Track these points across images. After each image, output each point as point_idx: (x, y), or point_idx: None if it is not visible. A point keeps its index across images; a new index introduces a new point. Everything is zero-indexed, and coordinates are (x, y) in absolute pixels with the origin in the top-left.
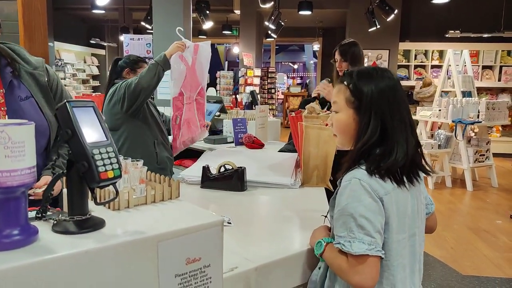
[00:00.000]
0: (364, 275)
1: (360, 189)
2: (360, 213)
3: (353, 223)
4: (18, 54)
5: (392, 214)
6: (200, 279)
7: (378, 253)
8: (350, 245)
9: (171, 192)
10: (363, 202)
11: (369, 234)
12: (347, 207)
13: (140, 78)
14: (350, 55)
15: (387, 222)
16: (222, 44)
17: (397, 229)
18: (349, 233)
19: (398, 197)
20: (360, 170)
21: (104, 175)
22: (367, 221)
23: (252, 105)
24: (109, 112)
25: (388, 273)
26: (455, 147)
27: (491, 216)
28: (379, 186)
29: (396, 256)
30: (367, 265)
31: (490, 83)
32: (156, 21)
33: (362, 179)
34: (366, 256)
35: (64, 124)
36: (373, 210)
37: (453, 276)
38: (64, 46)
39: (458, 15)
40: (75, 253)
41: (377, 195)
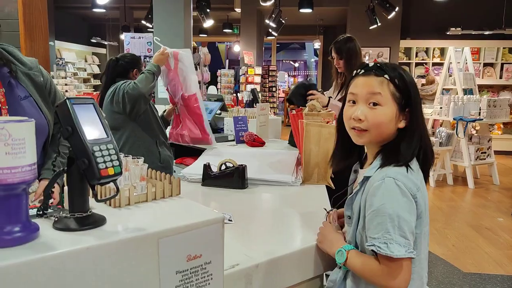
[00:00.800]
0: (399, 279)
1: (396, 189)
2: (397, 213)
3: (389, 224)
4: (12, 55)
5: (423, 208)
6: (201, 276)
7: (411, 255)
8: (386, 247)
9: (172, 190)
10: (399, 202)
11: (405, 236)
12: (383, 207)
13: (141, 86)
14: (346, 52)
15: (420, 217)
16: (223, 42)
17: (425, 222)
18: (385, 234)
19: (423, 191)
20: (392, 167)
21: (105, 172)
22: (404, 222)
23: (253, 103)
24: (110, 111)
25: (418, 267)
26: (456, 145)
27: (492, 213)
28: (412, 183)
29: (424, 249)
30: (403, 268)
31: (491, 81)
32: (157, 19)
33: (397, 178)
34: (401, 259)
35: (65, 121)
36: (409, 211)
37: (454, 274)
38: (65, 45)
39: (459, 12)
40: (76, 250)
41: (412, 193)
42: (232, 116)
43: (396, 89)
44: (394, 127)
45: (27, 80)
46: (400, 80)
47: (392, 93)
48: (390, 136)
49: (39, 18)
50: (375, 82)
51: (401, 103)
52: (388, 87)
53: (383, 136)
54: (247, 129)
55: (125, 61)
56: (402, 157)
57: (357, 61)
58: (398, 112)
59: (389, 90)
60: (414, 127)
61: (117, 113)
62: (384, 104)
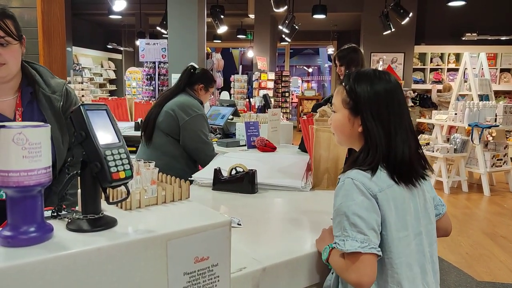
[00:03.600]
0: (359, 273)
1: (353, 188)
2: (353, 211)
3: (346, 222)
4: (41, 75)
5: (389, 211)
6: (208, 278)
7: (372, 250)
8: (343, 244)
9: (181, 193)
10: (355, 200)
11: (362, 232)
12: (340, 206)
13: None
14: (347, 61)
15: (384, 219)
16: (237, 48)
17: (396, 227)
18: (343, 232)
19: (395, 194)
20: (354, 170)
21: (116, 175)
22: (359, 219)
23: (265, 109)
24: (166, 123)
25: (392, 271)
26: (471, 151)
27: (508, 221)
28: (373, 184)
29: (398, 254)
30: (361, 263)
31: (508, 86)
32: (171, 26)
33: (355, 178)
34: (359, 254)
35: (79, 126)
36: (366, 208)
37: (468, 282)
38: (82, 51)
39: (475, 17)
40: (88, 250)
41: (371, 193)
42: (244, 121)
43: (347, 96)
44: (351, 131)
45: (47, 104)
46: (350, 88)
47: (343, 99)
48: (357, 139)
49: (57, 25)
50: (335, 92)
51: (352, 109)
52: (341, 94)
53: (347, 139)
54: (259, 134)
55: (198, 74)
56: (361, 161)
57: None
58: (350, 117)
59: (341, 97)
60: (367, 132)
61: (170, 132)
62: (337, 110)
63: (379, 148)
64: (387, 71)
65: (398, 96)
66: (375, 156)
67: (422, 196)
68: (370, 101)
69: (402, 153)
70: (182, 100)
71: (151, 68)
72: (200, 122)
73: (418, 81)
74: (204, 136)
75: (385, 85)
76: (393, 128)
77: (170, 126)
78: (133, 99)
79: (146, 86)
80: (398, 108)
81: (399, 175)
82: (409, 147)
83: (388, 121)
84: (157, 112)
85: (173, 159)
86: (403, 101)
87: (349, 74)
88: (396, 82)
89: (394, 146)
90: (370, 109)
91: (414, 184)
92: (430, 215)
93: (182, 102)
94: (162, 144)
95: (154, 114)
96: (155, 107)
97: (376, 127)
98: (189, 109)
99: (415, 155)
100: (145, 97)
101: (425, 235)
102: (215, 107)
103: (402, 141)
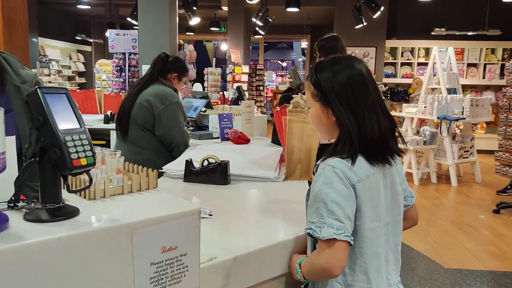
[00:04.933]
0: (330, 258)
1: (333, 176)
2: (332, 198)
3: (324, 209)
4: (10, 65)
5: (365, 201)
6: (177, 268)
7: (347, 238)
8: (320, 230)
9: (149, 183)
10: (335, 188)
11: (339, 219)
12: (319, 193)
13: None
14: (326, 50)
15: (360, 209)
16: (210, 41)
17: (370, 217)
18: (320, 219)
19: (371, 185)
20: (334, 158)
21: (77, 162)
22: (337, 206)
23: (238, 101)
24: (140, 116)
25: (361, 260)
26: (440, 144)
27: (474, 210)
28: (352, 173)
29: (370, 244)
30: (334, 249)
31: (474, 81)
32: (142, 16)
33: (336, 166)
34: (334, 240)
35: (36, 110)
36: (344, 196)
37: (436, 269)
38: (49, 42)
39: (444, 13)
40: (47, 240)
41: (350, 182)
42: (217, 114)
43: (315, 88)
44: (327, 122)
45: (15, 93)
46: (315, 80)
47: (312, 93)
48: (336, 129)
49: (19, 12)
50: (306, 86)
51: (322, 100)
52: (309, 89)
53: (326, 131)
54: (232, 126)
55: (171, 62)
56: (339, 149)
57: None
58: (323, 109)
59: (310, 91)
60: (340, 121)
61: (146, 124)
62: (311, 105)
63: (353, 135)
64: (350, 55)
65: (362, 78)
66: (351, 144)
67: (394, 186)
68: (335, 89)
69: (372, 131)
70: (156, 90)
71: (121, 59)
72: (175, 110)
73: (389, 75)
74: (180, 124)
75: (348, 69)
76: (360, 110)
77: (145, 118)
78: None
79: (116, 78)
80: (364, 90)
81: (374, 157)
82: (379, 125)
83: (356, 105)
84: (131, 104)
85: (153, 153)
86: (369, 81)
87: (312, 67)
88: (359, 64)
89: (364, 127)
90: (337, 97)
91: (390, 162)
92: (400, 207)
93: (156, 91)
94: (139, 138)
95: (128, 106)
96: (128, 99)
97: (346, 114)
98: (163, 98)
99: (388, 131)
100: (115, 89)
101: (392, 226)
102: (188, 99)
103: (371, 120)
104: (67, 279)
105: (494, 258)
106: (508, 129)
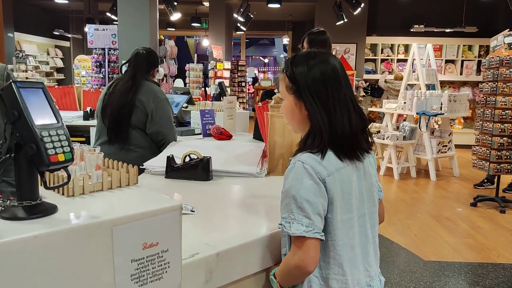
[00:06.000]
0: (302, 256)
1: (303, 172)
2: (301, 195)
3: (294, 205)
4: None
5: (336, 194)
6: (158, 264)
7: (316, 235)
8: (289, 226)
9: (129, 179)
10: (304, 184)
11: (308, 216)
12: (289, 189)
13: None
14: (318, 43)
15: (331, 202)
16: (192, 37)
17: (341, 210)
18: (290, 214)
19: (343, 178)
20: (304, 153)
21: (54, 158)
22: (307, 203)
23: (220, 97)
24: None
25: (334, 253)
26: (419, 139)
27: (452, 204)
28: (322, 168)
29: (342, 236)
30: (306, 247)
31: (452, 77)
32: (121, 11)
33: (306, 161)
34: (304, 238)
35: (10, 105)
36: (314, 192)
37: (415, 262)
38: (26, 37)
39: (422, 10)
40: (23, 238)
41: (320, 177)
42: (199, 110)
43: (290, 81)
44: (300, 115)
45: None
46: (290, 73)
47: (286, 86)
48: (308, 123)
49: None
50: (281, 78)
51: (296, 94)
52: (284, 81)
53: (299, 125)
54: (214, 122)
55: (151, 56)
56: (309, 144)
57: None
58: (297, 102)
59: (285, 83)
60: (311, 115)
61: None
62: (284, 97)
63: (323, 130)
64: (326, 50)
65: (336, 73)
66: (320, 138)
67: (368, 178)
68: (309, 83)
69: (342, 127)
70: (145, 89)
71: (100, 55)
72: (166, 107)
73: (369, 72)
74: (171, 121)
75: (322, 65)
76: (332, 105)
77: (138, 118)
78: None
79: (95, 74)
80: (337, 85)
81: (343, 152)
82: (350, 120)
83: (328, 100)
84: (129, 110)
85: (145, 150)
86: (343, 77)
87: (288, 60)
88: (334, 60)
89: (335, 122)
90: (310, 91)
91: (359, 158)
92: (375, 198)
93: (146, 90)
94: (130, 137)
95: (126, 112)
96: (123, 106)
97: (317, 108)
98: (154, 96)
99: (359, 127)
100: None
101: (368, 217)
102: (169, 95)
103: (342, 116)
104: (45, 278)
105: (471, 250)
106: (484, 124)
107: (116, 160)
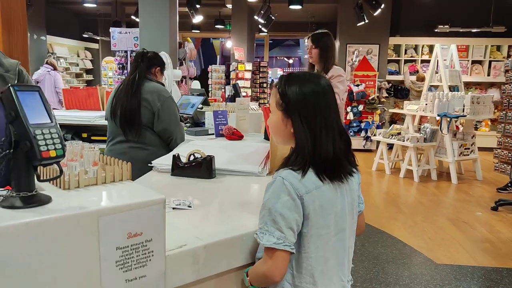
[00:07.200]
0: (271, 266)
1: (281, 187)
2: (276, 209)
3: (268, 217)
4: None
5: (314, 211)
6: (142, 252)
7: (286, 248)
8: (262, 237)
9: (122, 174)
10: (281, 199)
11: (280, 230)
12: (267, 202)
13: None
14: (322, 43)
15: (307, 218)
16: (217, 38)
17: (318, 225)
18: (264, 226)
19: (324, 195)
20: (286, 169)
21: (46, 154)
22: (281, 217)
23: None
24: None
25: (307, 264)
26: (440, 141)
27: (472, 208)
28: (301, 185)
29: (316, 249)
30: (275, 258)
31: (479, 78)
32: (143, 14)
33: (286, 177)
34: (274, 250)
35: (8, 106)
36: (289, 208)
37: (427, 265)
38: (57, 40)
39: (447, 10)
40: (15, 224)
41: (298, 194)
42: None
43: (280, 98)
44: (285, 131)
45: (0, 82)
46: (282, 90)
47: (277, 102)
48: (292, 139)
49: (18, 11)
50: (272, 92)
51: (285, 111)
52: (275, 96)
53: (282, 139)
54: (227, 122)
55: (152, 57)
56: (292, 161)
57: (330, 54)
58: (284, 119)
59: (275, 99)
60: (297, 133)
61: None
62: (273, 112)
63: (306, 150)
64: (319, 73)
65: (326, 97)
66: (303, 157)
67: (350, 194)
68: (298, 103)
69: (326, 151)
70: (150, 87)
71: (123, 57)
72: (171, 105)
73: (392, 72)
74: (177, 119)
75: (314, 87)
76: (318, 129)
77: (147, 118)
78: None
79: (118, 76)
80: (326, 109)
81: (325, 173)
82: (334, 144)
83: (315, 123)
84: (138, 108)
85: (156, 148)
86: (332, 102)
87: (282, 77)
88: (325, 84)
89: (319, 145)
90: (299, 111)
91: (342, 180)
92: (354, 214)
93: (150, 89)
94: (141, 136)
95: (135, 111)
96: (130, 103)
97: (303, 129)
98: (159, 95)
99: (342, 151)
100: None
101: (348, 231)
102: (186, 96)
103: (327, 140)
104: (35, 262)
105: (487, 254)
106: (507, 126)
107: (130, 158)
